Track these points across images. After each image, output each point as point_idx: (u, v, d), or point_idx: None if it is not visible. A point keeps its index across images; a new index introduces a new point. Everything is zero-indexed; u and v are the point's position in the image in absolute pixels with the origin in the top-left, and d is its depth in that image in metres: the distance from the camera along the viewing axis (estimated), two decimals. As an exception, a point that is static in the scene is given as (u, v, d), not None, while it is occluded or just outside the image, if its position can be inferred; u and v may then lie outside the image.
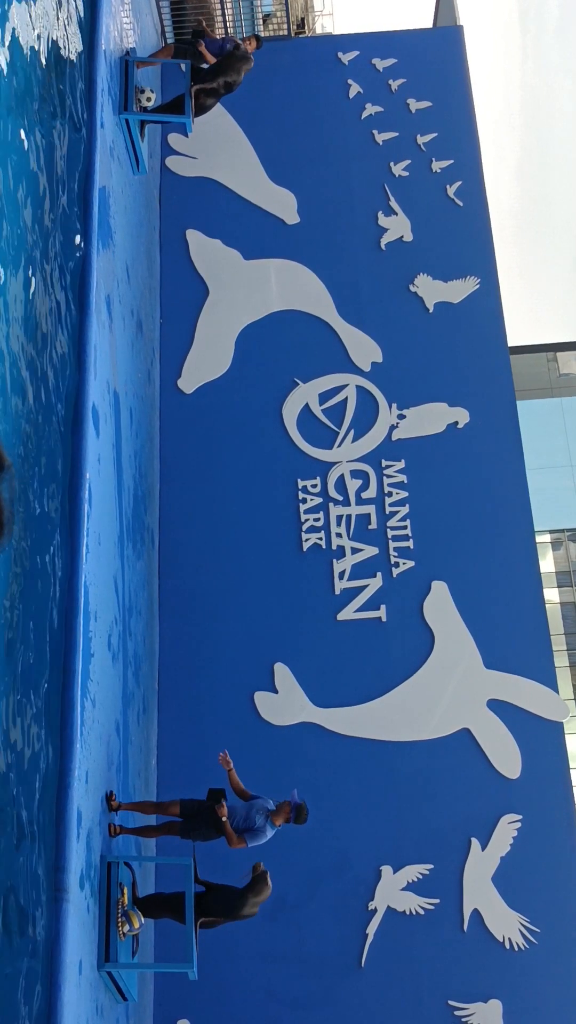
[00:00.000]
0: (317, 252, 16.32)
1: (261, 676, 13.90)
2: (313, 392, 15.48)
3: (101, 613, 10.21)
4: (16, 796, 7.71)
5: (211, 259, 16.30)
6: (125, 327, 12.72)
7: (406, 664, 14.02)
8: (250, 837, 10.07)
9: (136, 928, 9.68)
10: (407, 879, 12.99)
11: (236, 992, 12.54)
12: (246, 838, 10.06)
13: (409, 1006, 12.57)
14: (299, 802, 10.16)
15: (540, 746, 13.66)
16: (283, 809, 10.16)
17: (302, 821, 10.20)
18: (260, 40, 14.21)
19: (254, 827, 10.07)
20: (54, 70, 10.23)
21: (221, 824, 9.98)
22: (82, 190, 11.00)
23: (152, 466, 14.43)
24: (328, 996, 12.62)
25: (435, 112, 17.21)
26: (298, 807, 10.13)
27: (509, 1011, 12.53)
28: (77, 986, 8.41)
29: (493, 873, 13.03)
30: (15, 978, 7.47)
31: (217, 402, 15.46)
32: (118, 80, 13.07)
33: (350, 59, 17.60)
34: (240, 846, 10.08)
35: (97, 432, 10.43)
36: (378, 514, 14.78)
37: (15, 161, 8.76)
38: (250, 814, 10.14)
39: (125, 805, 10.31)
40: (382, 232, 16.45)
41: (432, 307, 15.99)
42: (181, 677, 13.92)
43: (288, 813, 10.13)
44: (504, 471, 15.07)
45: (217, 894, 10.15)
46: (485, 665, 13.98)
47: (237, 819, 10.14)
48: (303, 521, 14.74)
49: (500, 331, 15.88)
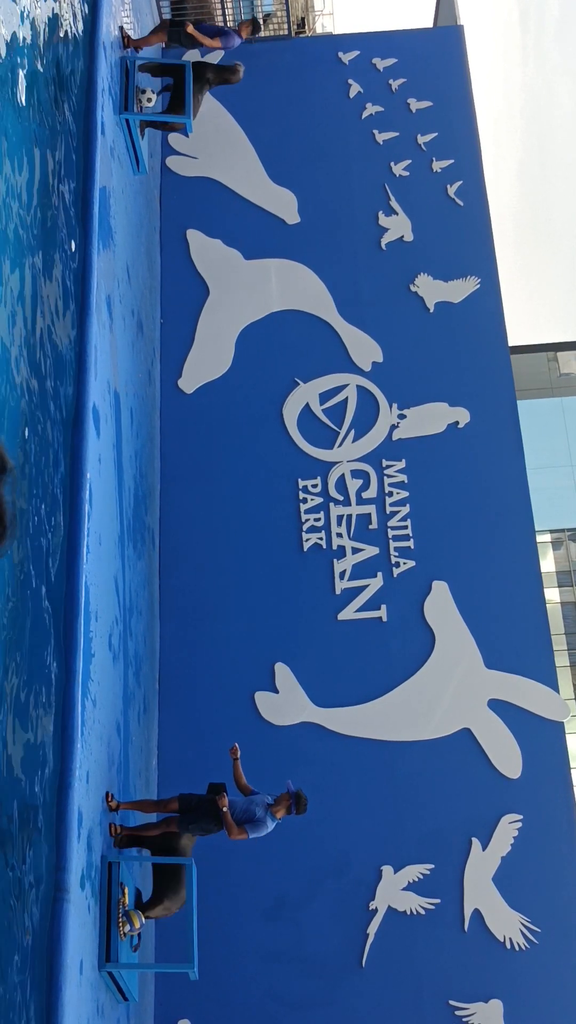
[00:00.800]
0: (318, 252, 16.32)
1: (262, 676, 13.90)
2: (313, 392, 15.47)
3: (102, 613, 10.21)
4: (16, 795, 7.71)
5: (211, 259, 16.30)
6: (126, 327, 12.72)
7: (407, 664, 14.02)
8: (251, 828, 10.05)
9: (137, 928, 9.68)
10: (408, 879, 12.99)
11: (237, 992, 12.54)
12: (247, 829, 10.05)
13: (410, 1006, 12.57)
14: (296, 790, 10.15)
15: (541, 746, 13.66)
16: (283, 800, 10.15)
17: (302, 810, 10.18)
18: (257, 25, 14.18)
19: (254, 818, 10.06)
20: (54, 69, 10.23)
21: (221, 816, 9.97)
22: (82, 190, 11.00)
23: (153, 466, 14.42)
24: (329, 996, 12.62)
25: (435, 112, 17.21)
26: (296, 795, 10.12)
27: (510, 1011, 12.53)
28: (78, 986, 8.41)
29: (494, 873, 13.03)
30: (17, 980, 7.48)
31: (218, 402, 15.46)
32: (118, 80, 13.07)
33: (350, 59, 17.60)
34: (241, 837, 10.07)
35: (98, 432, 10.43)
36: (379, 514, 14.78)
37: (15, 160, 8.75)
38: (250, 807, 10.13)
39: (125, 804, 10.31)
40: (382, 232, 16.45)
41: (432, 307, 15.99)
42: (182, 677, 13.92)
43: (288, 803, 10.12)
44: (504, 471, 15.07)
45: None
46: (486, 665, 13.98)
47: (237, 812, 10.12)
48: (304, 521, 14.74)
49: (500, 331, 15.87)
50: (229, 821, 9.99)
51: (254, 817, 10.08)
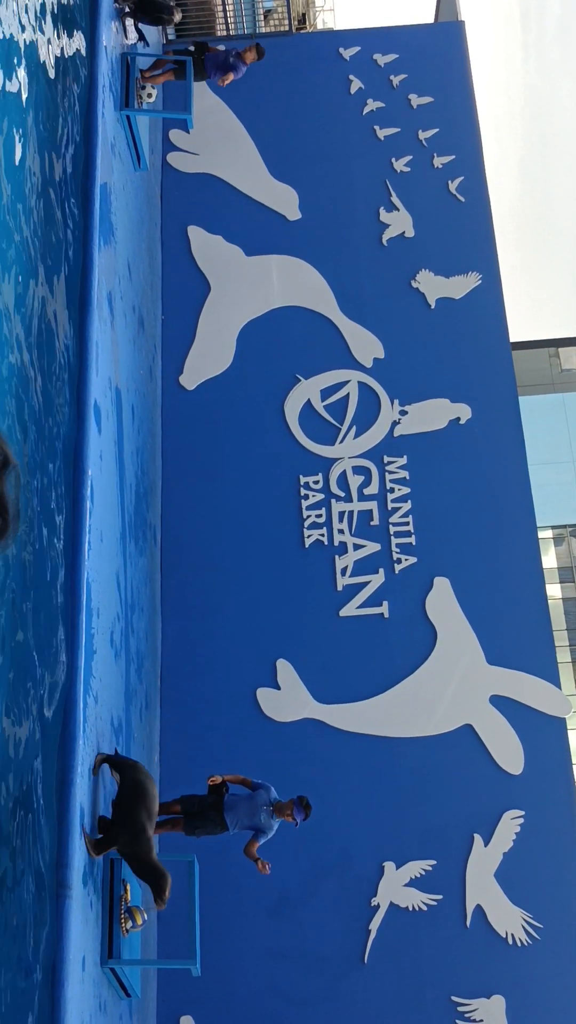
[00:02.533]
0: (319, 248, 16.30)
1: (263, 672, 13.90)
2: (315, 388, 15.46)
3: (103, 610, 10.21)
4: (18, 791, 7.71)
5: (213, 255, 16.29)
6: (127, 324, 12.70)
7: (408, 660, 14.01)
8: (260, 838, 10.20)
9: (139, 924, 9.68)
10: (410, 875, 12.99)
11: (239, 988, 12.55)
12: (258, 838, 10.19)
13: (412, 1002, 12.58)
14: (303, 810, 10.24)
15: (543, 742, 13.66)
16: (286, 808, 10.18)
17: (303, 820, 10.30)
18: (262, 51, 14.06)
19: (260, 826, 10.15)
20: (55, 67, 10.21)
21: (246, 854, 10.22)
22: (83, 187, 10.99)
23: (154, 463, 14.42)
24: (331, 992, 12.62)
25: (436, 107, 17.18)
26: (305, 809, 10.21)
27: (512, 1007, 12.53)
28: (80, 983, 8.41)
29: (496, 869, 13.03)
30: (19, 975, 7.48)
31: (219, 398, 15.45)
32: (119, 76, 13.05)
33: (351, 55, 17.57)
34: (255, 847, 10.23)
35: (99, 429, 10.42)
36: (380, 510, 14.77)
37: (15, 158, 8.75)
38: (254, 812, 10.17)
39: None
40: (384, 228, 16.43)
41: (434, 303, 15.97)
42: (183, 673, 13.92)
43: (290, 812, 10.16)
44: (506, 467, 15.06)
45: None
46: (487, 661, 13.98)
47: (241, 816, 10.17)
48: (305, 517, 14.74)
49: (502, 327, 15.85)
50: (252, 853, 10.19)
51: (259, 824, 10.16)
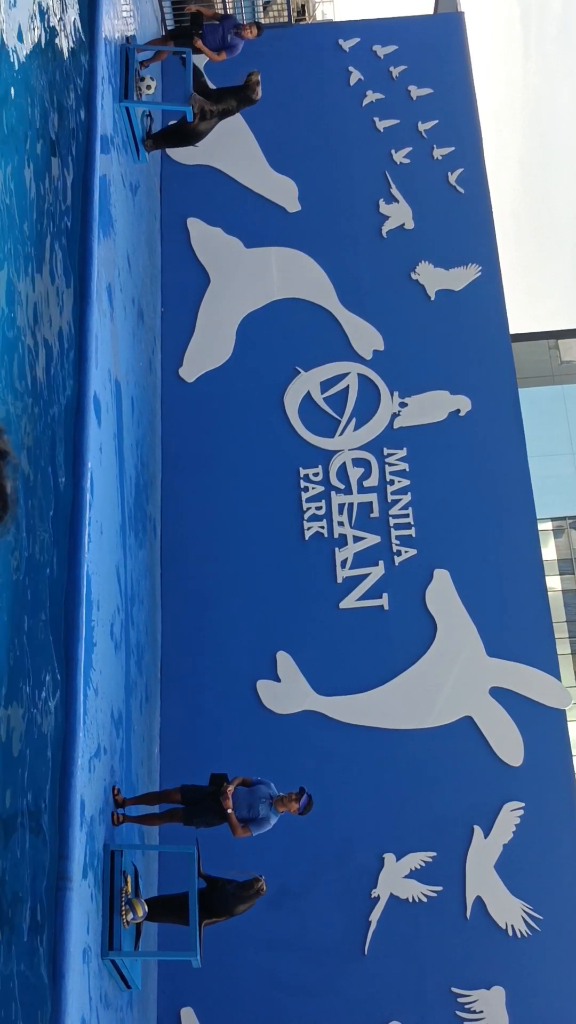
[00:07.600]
0: (318, 240, 16.27)
1: (263, 664, 13.91)
2: (314, 380, 15.45)
3: (103, 602, 10.21)
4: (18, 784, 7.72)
5: (212, 247, 16.26)
6: (126, 316, 12.69)
7: (408, 652, 14.02)
8: (254, 827, 10.09)
9: (140, 916, 9.70)
10: (410, 867, 13.01)
11: (239, 980, 12.57)
12: (251, 828, 10.08)
13: (412, 993, 12.60)
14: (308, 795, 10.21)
15: (542, 734, 13.67)
16: (289, 800, 10.16)
17: (306, 812, 10.28)
18: (260, 28, 14.10)
19: (258, 817, 10.10)
20: (54, 58, 10.19)
21: (226, 816, 9.99)
22: (83, 179, 10.96)
23: (154, 455, 14.41)
24: (331, 984, 12.65)
25: (436, 99, 17.15)
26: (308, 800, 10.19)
27: (512, 998, 12.56)
28: (81, 974, 8.43)
29: (496, 860, 13.05)
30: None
31: (218, 391, 15.44)
32: (118, 68, 13.02)
33: (351, 46, 17.53)
34: (245, 835, 10.10)
35: (99, 421, 10.42)
36: (380, 502, 14.77)
37: (15, 151, 8.73)
38: (253, 803, 10.14)
39: (129, 801, 10.31)
40: (383, 220, 16.40)
41: (433, 295, 15.95)
42: (183, 666, 13.92)
43: (294, 803, 10.15)
44: (506, 459, 15.06)
45: (218, 891, 10.17)
46: (487, 653, 13.99)
47: (240, 807, 10.15)
48: (305, 510, 14.73)
49: (502, 319, 15.84)
50: (234, 822, 10.01)
51: (258, 815, 10.12)
